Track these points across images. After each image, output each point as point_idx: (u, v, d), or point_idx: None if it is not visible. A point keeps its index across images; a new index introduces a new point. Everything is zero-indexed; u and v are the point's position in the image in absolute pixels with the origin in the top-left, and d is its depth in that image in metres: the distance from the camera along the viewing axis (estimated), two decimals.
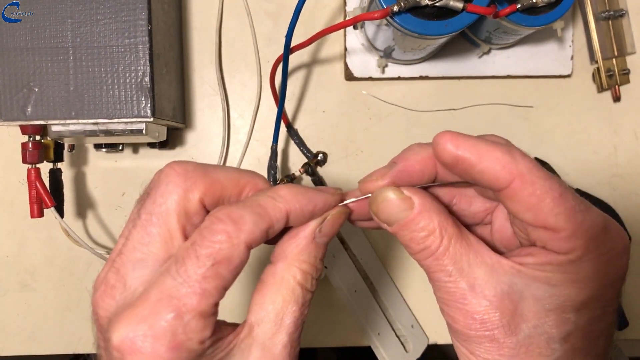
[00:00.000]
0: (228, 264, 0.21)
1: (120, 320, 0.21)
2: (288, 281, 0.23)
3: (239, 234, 0.21)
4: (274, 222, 0.23)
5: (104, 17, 0.42)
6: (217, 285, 0.21)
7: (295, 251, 0.24)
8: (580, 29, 0.54)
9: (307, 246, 0.24)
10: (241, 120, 0.53)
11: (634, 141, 0.54)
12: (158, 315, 0.20)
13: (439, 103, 0.53)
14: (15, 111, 0.42)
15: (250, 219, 0.22)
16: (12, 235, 0.54)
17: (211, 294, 0.21)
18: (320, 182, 0.52)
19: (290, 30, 0.41)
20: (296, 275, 0.24)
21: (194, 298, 0.20)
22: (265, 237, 0.23)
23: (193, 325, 0.20)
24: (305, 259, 0.24)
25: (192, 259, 0.21)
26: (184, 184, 0.23)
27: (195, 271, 0.21)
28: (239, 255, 0.21)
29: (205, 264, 0.21)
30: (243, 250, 0.22)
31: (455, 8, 0.37)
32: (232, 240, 0.21)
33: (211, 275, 0.21)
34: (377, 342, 0.51)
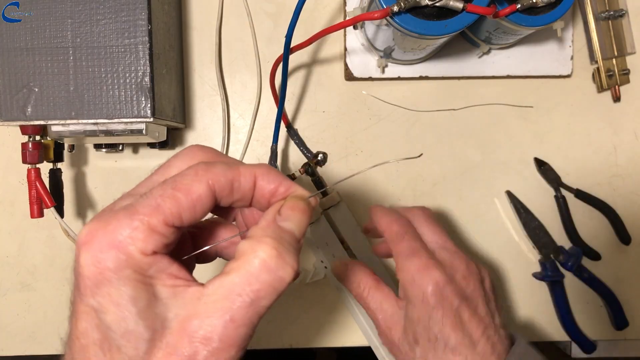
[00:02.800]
0: (187, 193, 0.23)
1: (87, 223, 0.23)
2: (247, 255, 0.23)
3: (204, 172, 0.24)
4: (241, 177, 0.25)
5: (104, 17, 0.42)
6: (171, 207, 0.23)
7: (259, 230, 0.24)
8: (580, 29, 0.54)
9: (269, 225, 0.25)
10: (241, 120, 0.53)
11: (634, 141, 0.54)
12: (115, 218, 0.22)
13: (439, 103, 0.53)
14: (15, 111, 0.42)
15: (220, 166, 0.25)
16: (12, 235, 0.54)
17: (162, 211, 0.23)
18: (320, 182, 0.52)
19: (290, 30, 0.41)
20: (256, 250, 0.23)
21: (147, 208, 0.23)
22: (229, 188, 0.25)
23: (139, 231, 0.22)
24: (268, 234, 0.24)
25: (160, 185, 0.24)
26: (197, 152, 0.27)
27: (157, 192, 0.23)
28: (197, 190, 0.23)
29: (166, 189, 0.23)
30: (204, 185, 0.24)
31: (455, 8, 0.37)
32: (196, 176, 0.24)
33: (168, 196, 0.23)
34: (377, 342, 0.51)
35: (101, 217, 0.23)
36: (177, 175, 0.24)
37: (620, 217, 0.53)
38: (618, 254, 0.54)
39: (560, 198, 0.53)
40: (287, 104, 0.53)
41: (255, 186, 0.26)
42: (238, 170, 0.25)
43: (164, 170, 0.26)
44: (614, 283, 0.53)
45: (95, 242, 0.22)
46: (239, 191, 0.25)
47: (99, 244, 0.22)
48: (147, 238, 0.22)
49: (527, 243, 0.54)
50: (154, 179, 0.26)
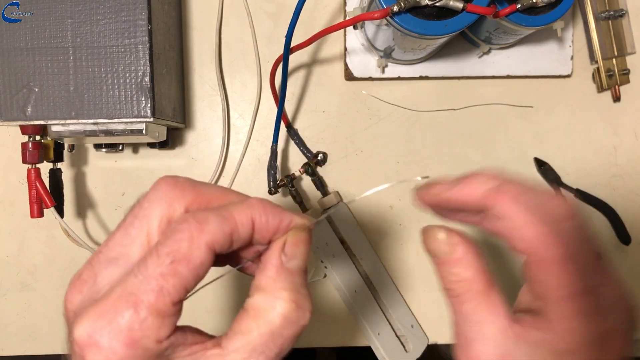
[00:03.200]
0: (187, 263, 0.21)
1: (83, 315, 0.21)
2: (266, 313, 0.23)
3: (200, 234, 0.22)
4: (239, 226, 0.23)
5: (104, 17, 0.42)
6: (176, 284, 0.21)
7: (270, 282, 0.23)
8: (580, 29, 0.54)
9: (278, 272, 0.24)
10: (241, 120, 0.53)
11: (634, 141, 0.54)
12: (117, 311, 0.20)
13: (439, 103, 0.53)
14: (15, 111, 0.42)
15: (214, 220, 0.22)
16: (12, 235, 0.54)
17: (169, 292, 0.21)
18: (320, 182, 0.52)
19: (290, 30, 0.41)
20: (276, 307, 0.23)
21: (152, 295, 0.21)
22: (229, 242, 0.23)
23: (150, 322, 0.21)
24: (282, 286, 0.23)
25: (153, 257, 0.21)
26: (172, 193, 0.24)
27: (154, 269, 0.21)
28: (199, 255, 0.21)
29: (164, 262, 0.21)
30: (204, 250, 0.22)
31: (455, 8, 0.37)
32: (193, 240, 0.21)
33: (169, 273, 0.21)
34: (377, 342, 0.51)
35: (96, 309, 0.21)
36: (169, 241, 0.21)
37: (620, 217, 0.53)
38: (618, 254, 0.54)
39: None
40: (287, 104, 0.53)
41: (254, 229, 0.24)
42: (234, 220, 0.23)
43: (140, 221, 0.23)
44: None
45: (103, 344, 0.20)
46: (238, 241, 0.23)
47: (109, 347, 0.20)
48: (159, 326, 0.21)
49: None
50: (132, 233, 0.23)
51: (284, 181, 0.51)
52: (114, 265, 0.23)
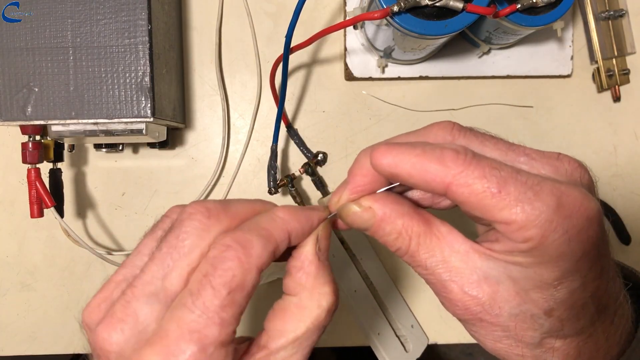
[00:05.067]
0: (242, 290, 0.21)
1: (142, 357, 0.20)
2: (312, 310, 0.24)
3: (249, 259, 0.22)
4: (279, 243, 0.23)
5: (104, 17, 0.42)
6: (234, 313, 0.21)
7: (312, 279, 0.24)
8: (580, 29, 0.54)
9: (318, 269, 0.25)
10: (241, 120, 0.53)
11: (633, 141, 0.54)
12: (178, 349, 0.20)
13: (439, 103, 0.53)
14: (15, 111, 0.42)
15: (258, 243, 0.22)
16: (12, 235, 0.54)
17: (230, 323, 0.21)
18: (320, 182, 0.52)
19: (290, 30, 0.41)
20: (321, 303, 0.24)
21: (215, 329, 0.21)
22: (272, 259, 0.23)
23: (216, 356, 0.21)
24: (324, 281, 0.24)
25: (207, 289, 0.21)
26: (208, 222, 0.23)
27: (212, 302, 0.21)
28: (251, 280, 0.22)
29: (221, 294, 0.21)
30: (255, 274, 0.22)
31: (455, 8, 0.37)
32: (244, 266, 0.21)
33: (228, 303, 0.21)
34: (377, 342, 0.51)
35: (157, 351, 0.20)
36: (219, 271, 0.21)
37: (620, 217, 0.53)
38: (618, 254, 0.54)
39: None
40: (287, 104, 0.53)
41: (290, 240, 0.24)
42: (274, 239, 0.23)
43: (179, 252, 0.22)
44: None
45: None
46: (278, 254, 0.24)
47: None
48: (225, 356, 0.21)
49: None
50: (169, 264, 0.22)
51: (284, 181, 0.51)
52: (155, 301, 0.22)
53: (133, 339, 0.21)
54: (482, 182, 0.21)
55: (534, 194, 0.21)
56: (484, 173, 0.21)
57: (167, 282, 0.22)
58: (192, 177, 0.53)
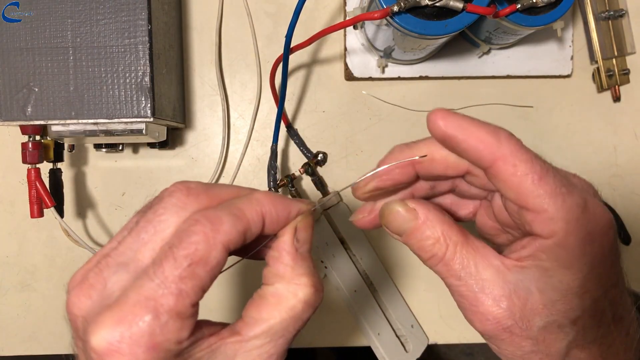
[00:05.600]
0: (205, 265, 0.21)
1: (99, 322, 0.21)
2: (288, 300, 0.24)
3: (215, 234, 0.22)
4: (251, 224, 0.23)
5: (103, 17, 0.42)
6: (194, 286, 0.21)
7: (289, 269, 0.24)
8: (580, 29, 0.54)
9: (295, 260, 0.25)
10: (241, 120, 0.53)
11: (633, 141, 0.54)
12: (136, 317, 0.20)
13: (439, 103, 0.53)
14: (15, 111, 0.42)
15: (228, 220, 0.22)
16: (12, 235, 0.54)
17: (188, 295, 0.21)
18: (320, 182, 0.52)
19: (290, 30, 0.41)
20: (297, 294, 0.24)
21: (171, 299, 0.21)
22: (242, 240, 0.23)
23: (170, 325, 0.21)
24: (301, 272, 0.24)
25: (169, 260, 0.21)
26: (186, 199, 0.23)
27: (172, 272, 0.21)
28: (215, 256, 0.22)
29: (181, 265, 0.21)
30: (220, 250, 0.22)
31: (455, 8, 0.37)
32: (209, 241, 0.22)
33: (188, 275, 0.21)
34: (377, 342, 0.51)
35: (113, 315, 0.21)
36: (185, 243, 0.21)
37: (620, 217, 0.53)
38: None
39: None
40: (287, 104, 0.53)
41: (265, 223, 0.24)
42: (246, 218, 0.23)
43: (155, 227, 0.23)
44: None
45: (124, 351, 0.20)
46: (250, 237, 0.24)
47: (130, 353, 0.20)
48: (180, 328, 0.21)
49: None
50: (144, 237, 0.23)
51: (284, 181, 0.51)
52: (124, 270, 0.22)
53: (99, 305, 0.22)
54: (527, 166, 0.23)
55: (568, 191, 0.23)
56: (530, 158, 0.23)
57: (139, 254, 0.22)
58: (192, 177, 0.53)
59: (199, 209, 0.23)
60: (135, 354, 0.20)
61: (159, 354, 0.21)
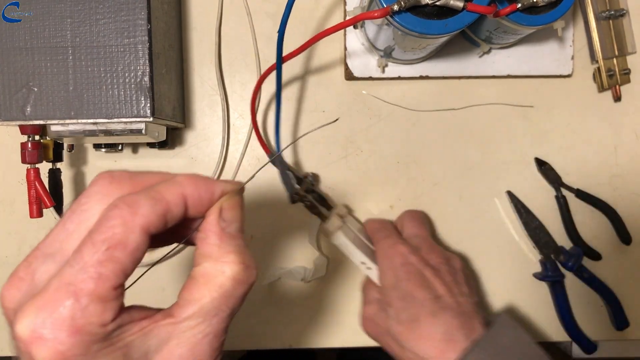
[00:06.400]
0: (124, 248, 0.22)
1: (22, 311, 0.21)
2: (216, 278, 0.24)
3: (134, 217, 0.22)
4: (171, 206, 0.23)
5: (103, 17, 0.42)
6: (114, 269, 0.21)
7: (215, 248, 0.24)
8: (580, 29, 0.54)
9: (221, 238, 0.25)
10: (241, 120, 0.53)
11: (634, 141, 0.54)
12: (57, 303, 0.21)
13: (439, 103, 0.53)
14: (14, 111, 0.42)
15: (146, 203, 0.22)
16: (12, 235, 0.53)
17: (108, 278, 0.21)
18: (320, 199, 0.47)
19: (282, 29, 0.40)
20: (225, 271, 0.24)
21: (90, 282, 0.21)
22: (163, 222, 0.23)
23: (92, 309, 0.21)
24: (228, 250, 0.24)
25: (87, 245, 0.21)
26: (109, 186, 0.24)
27: (91, 257, 0.21)
28: (134, 239, 0.22)
29: (100, 249, 0.21)
30: (139, 233, 0.22)
31: (456, 7, 0.37)
32: (127, 224, 0.22)
33: (106, 259, 0.21)
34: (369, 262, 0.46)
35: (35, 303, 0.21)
36: (103, 228, 0.22)
37: (620, 217, 0.53)
38: (619, 254, 0.54)
39: (561, 198, 0.53)
40: (287, 104, 0.53)
41: (187, 205, 0.24)
42: (165, 200, 0.23)
43: (79, 216, 0.24)
44: (615, 283, 0.53)
45: (47, 337, 0.20)
46: (173, 219, 0.24)
47: (54, 338, 0.20)
48: (102, 311, 0.21)
49: (527, 243, 0.54)
50: (69, 227, 0.23)
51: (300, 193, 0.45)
52: (51, 261, 0.23)
53: (27, 296, 0.22)
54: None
55: None
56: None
57: (65, 244, 0.23)
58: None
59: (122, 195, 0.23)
60: (59, 338, 0.20)
61: (83, 337, 0.21)
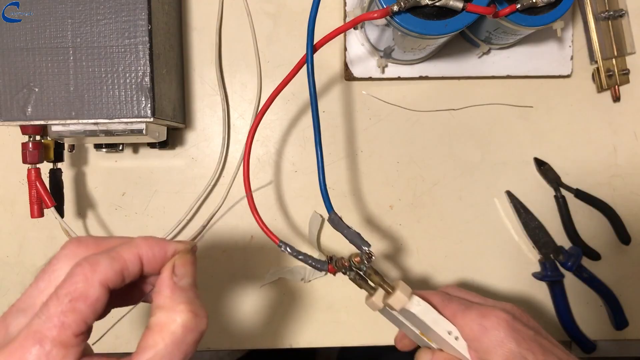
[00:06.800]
0: (85, 300, 0.25)
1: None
2: (169, 325, 0.26)
3: (93, 274, 0.25)
4: (128, 264, 0.27)
5: (104, 17, 0.42)
6: (76, 319, 0.24)
7: (168, 300, 0.27)
8: (580, 29, 0.54)
9: (173, 291, 0.27)
10: (241, 120, 0.53)
11: (633, 141, 0.54)
12: (24, 349, 0.24)
13: (439, 103, 0.53)
14: (15, 111, 0.42)
15: (105, 261, 0.26)
16: (12, 235, 0.54)
17: (69, 326, 0.24)
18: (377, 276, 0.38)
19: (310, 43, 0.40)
20: (176, 319, 0.26)
21: (54, 330, 0.24)
22: (121, 278, 0.27)
23: (54, 353, 0.24)
24: (179, 301, 0.27)
25: (53, 299, 0.25)
26: (77, 249, 0.28)
27: (55, 308, 0.24)
28: (94, 293, 0.25)
29: (63, 301, 0.25)
30: (97, 287, 0.25)
31: (455, 8, 0.37)
32: (88, 280, 0.25)
33: (69, 309, 0.24)
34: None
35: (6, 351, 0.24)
36: (67, 284, 0.25)
37: (620, 217, 0.53)
38: (618, 254, 0.54)
39: (560, 198, 0.53)
40: (286, 104, 0.53)
41: (142, 264, 0.28)
42: (122, 259, 0.27)
43: (49, 276, 0.27)
44: (614, 283, 0.53)
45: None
46: (130, 276, 0.27)
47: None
48: (64, 356, 0.24)
49: (527, 243, 0.54)
50: (41, 286, 0.27)
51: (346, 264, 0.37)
52: (23, 315, 0.26)
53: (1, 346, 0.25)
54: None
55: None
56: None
57: (37, 300, 0.26)
58: (192, 177, 0.53)
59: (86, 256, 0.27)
60: None
61: None
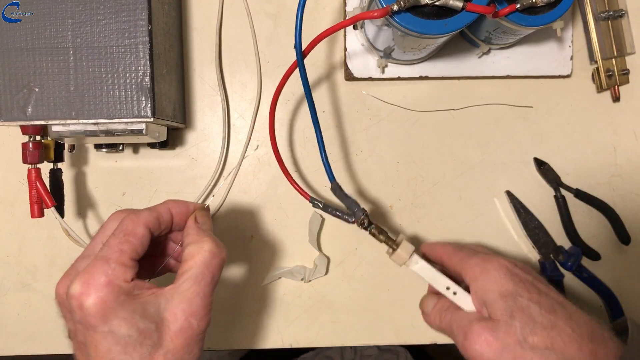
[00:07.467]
0: (134, 235, 0.35)
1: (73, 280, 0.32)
2: (198, 253, 0.35)
3: (139, 218, 0.36)
4: (162, 214, 0.37)
5: (104, 18, 0.42)
6: (129, 247, 0.34)
7: (195, 236, 0.37)
8: (579, 29, 0.54)
9: (198, 231, 0.37)
10: (241, 120, 0.53)
11: (633, 141, 0.54)
12: (96, 267, 0.33)
13: (439, 103, 0.53)
14: (15, 111, 0.42)
15: (145, 212, 0.37)
16: (12, 235, 0.54)
17: (125, 252, 0.34)
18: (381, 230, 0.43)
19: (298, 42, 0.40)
20: (203, 247, 0.35)
21: (116, 254, 0.33)
22: (158, 223, 0.37)
23: (118, 270, 0.33)
24: (204, 236, 0.36)
25: (112, 236, 0.35)
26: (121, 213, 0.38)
27: (114, 240, 0.34)
28: (140, 231, 0.35)
29: (119, 236, 0.34)
30: (142, 227, 0.35)
31: (455, 7, 0.37)
32: (134, 222, 0.35)
33: (124, 241, 0.34)
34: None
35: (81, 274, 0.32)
36: (121, 226, 0.35)
37: (619, 217, 0.53)
38: (618, 253, 0.54)
39: (560, 198, 0.53)
40: (286, 104, 0.53)
41: (172, 216, 0.38)
42: (158, 210, 0.37)
43: (103, 232, 0.37)
44: (614, 283, 0.53)
45: (91, 288, 0.32)
46: (164, 223, 0.37)
47: (95, 289, 0.32)
48: (124, 272, 0.33)
49: (527, 243, 0.54)
50: (97, 240, 0.37)
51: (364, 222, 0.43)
52: (87, 259, 0.35)
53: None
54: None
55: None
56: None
57: (96, 247, 0.36)
58: (192, 177, 0.53)
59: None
60: (98, 288, 0.32)
61: (114, 288, 0.32)
